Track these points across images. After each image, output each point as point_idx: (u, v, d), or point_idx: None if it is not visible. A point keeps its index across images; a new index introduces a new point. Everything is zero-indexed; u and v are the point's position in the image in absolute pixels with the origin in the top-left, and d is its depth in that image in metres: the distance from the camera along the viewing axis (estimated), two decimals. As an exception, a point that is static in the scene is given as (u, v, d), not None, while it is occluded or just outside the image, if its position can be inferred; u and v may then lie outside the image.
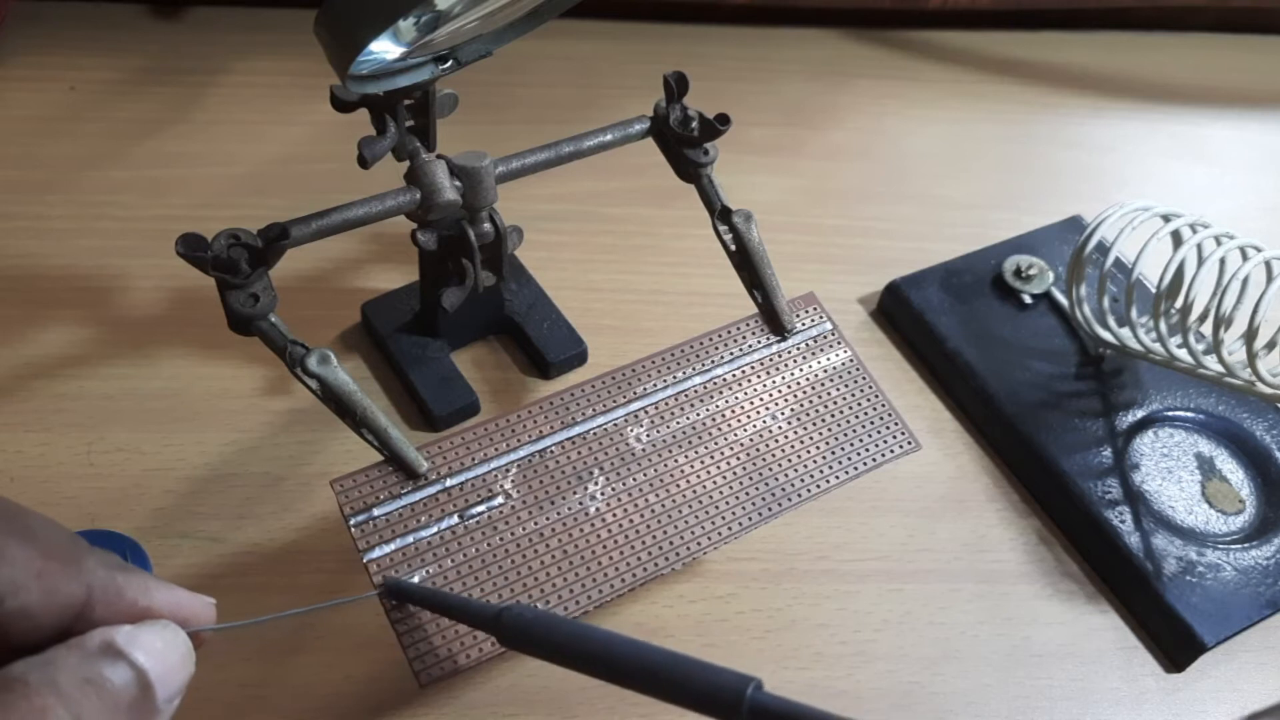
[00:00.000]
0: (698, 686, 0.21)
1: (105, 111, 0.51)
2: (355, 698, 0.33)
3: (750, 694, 0.20)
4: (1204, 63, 0.63)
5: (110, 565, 0.21)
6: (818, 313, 0.35)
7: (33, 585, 0.19)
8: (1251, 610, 0.37)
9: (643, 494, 0.30)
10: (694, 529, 0.30)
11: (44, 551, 0.19)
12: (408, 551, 0.28)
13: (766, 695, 0.21)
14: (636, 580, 0.29)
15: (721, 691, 0.21)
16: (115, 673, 0.20)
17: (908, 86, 0.59)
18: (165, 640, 0.21)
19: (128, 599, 0.21)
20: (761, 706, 0.20)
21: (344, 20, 0.26)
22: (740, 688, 0.21)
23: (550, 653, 0.24)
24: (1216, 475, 0.41)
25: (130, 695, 0.20)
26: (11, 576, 0.19)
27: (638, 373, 0.32)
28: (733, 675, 0.21)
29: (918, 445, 0.33)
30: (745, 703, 0.20)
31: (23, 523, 0.19)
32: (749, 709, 0.20)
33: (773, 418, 0.33)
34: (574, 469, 0.30)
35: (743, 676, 0.21)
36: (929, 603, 0.38)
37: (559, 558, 0.29)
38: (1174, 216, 0.39)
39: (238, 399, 0.40)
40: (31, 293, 0.43)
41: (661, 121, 0.35)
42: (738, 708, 0.21)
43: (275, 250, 0.29)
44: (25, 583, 0.19)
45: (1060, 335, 0.44)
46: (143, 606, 0.21)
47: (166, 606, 0.21)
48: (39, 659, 0.19)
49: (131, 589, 0.21)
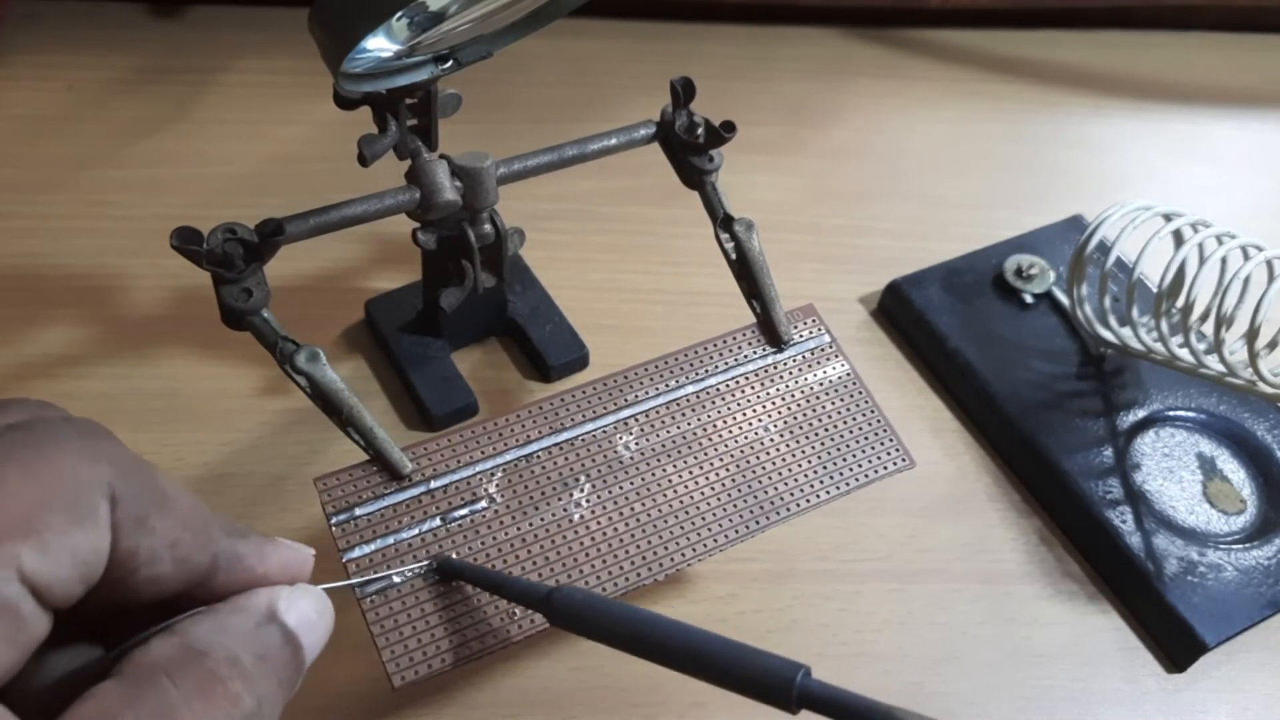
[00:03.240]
0: (748, 672, 0.22)
1: (104, 111, 0.51)
2: (355, 698, 0.33)
3: (800, 680, 0.21)
4: (1206, 62, 0.63)
5: (231, 532, 0.21)
6: (816, 324, 0.35)
7: (166, 555, 0.19)
8: (1253, 610, 0.36)
9: (629, 502, 0.30)
10: (679, 540, 0.30)
11: (181, 522, 0.20)
12: (388, 553, 0.28)
13: (815, 682, 0.21)
14: (618, 589, 0.29)
15: (772, 677, 0.21)
16: (278, 640, 0.21)
17: (908, 85, 0.59)
18: (318, 609, 0.22)
19: (245, 566, 0.21)
20: (811, 693, 0.21)
21: (337, 17, 0.26)
22: (790, 674, 0.21)
23: (599, 633, 0.24)
24: (1218, 475, 0.41)
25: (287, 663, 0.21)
26: (150, 546, 0.19)
27: (630, 380, 0.32)
28: (783, 661, 0.21)
29: (912, 462, 0.33)
30: (795, 689, 0.21)
31: (162, 492, 0.20)
32: (798, 695, 0.21)
33: (765, 430, 0.32)
34: (560, 475, 0.30)
35: (792, 663, 0.21)
36: (930, 603, 0.38)
37: (540, 564, 0.29)
38: (1175, 216, 0.39)
39: (237, 398, 0.40)
40: (30, 292, 0.43)
41: (667, 127, 0.35)
42: (788, 693, 0.21)
43: (270, 246, 0.29)
44: (161, 553, 0.19)
45: (1061, 335, 0.44)
46: (259, 574, 0.22)
47: (277, 570, 0.22)
48: (212, 623, 0.20)
49: (250, 557, 0.21)
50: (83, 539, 0.18)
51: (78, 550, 0.18)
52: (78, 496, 0.18)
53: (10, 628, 0.17)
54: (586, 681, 0.35)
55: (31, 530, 0.17)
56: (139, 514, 0.19)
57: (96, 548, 0.18)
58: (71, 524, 0.18)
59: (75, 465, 0.18)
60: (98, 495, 0.18)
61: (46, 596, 0.17)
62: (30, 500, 0.17)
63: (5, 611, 0.17)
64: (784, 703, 0.21)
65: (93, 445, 0.19)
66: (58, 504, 0.18)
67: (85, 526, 0.18)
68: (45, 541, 0.17)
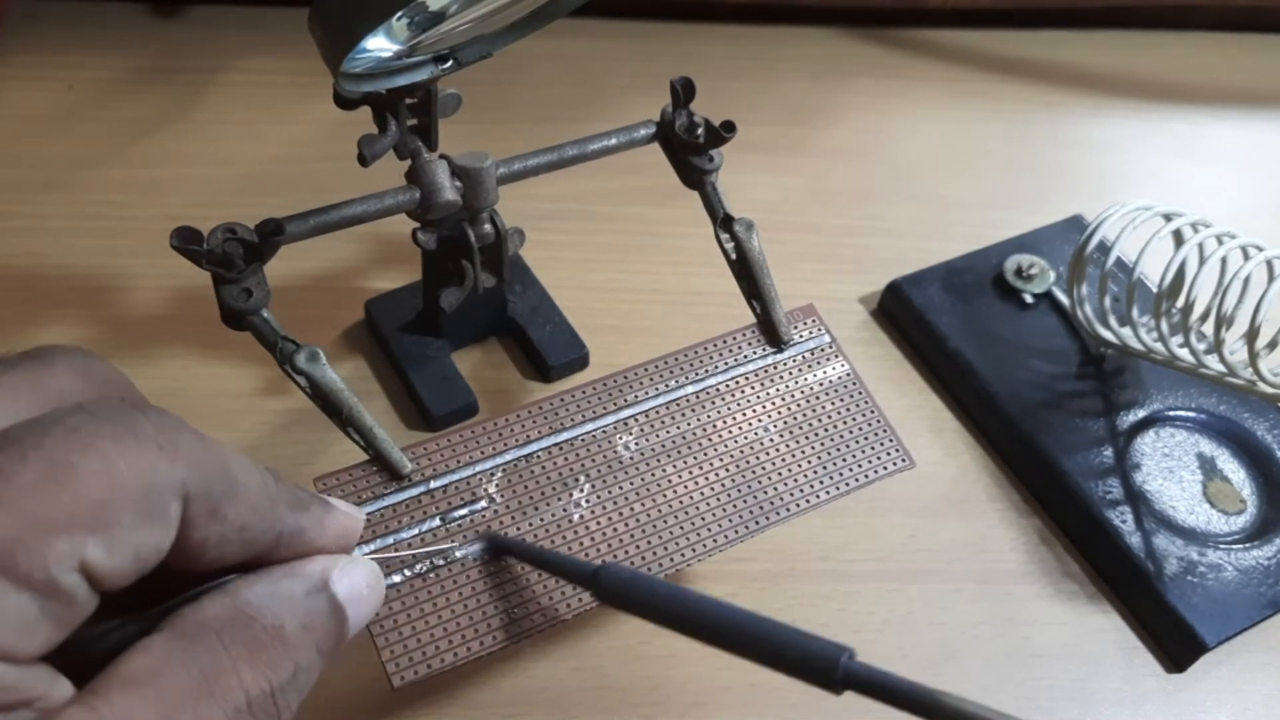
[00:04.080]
0: (794, 652, 0.22)
1: (104, 111, 0.51)
2: (356, 697, 0.33)
3: (844, 661, 0.21)
4: (1206, 61, 0.63)
5: (295, 505, 0.22)
6: (816, 324, 0.35)
7: (235, 539, 0.20)
8: (1253, 610, 0.36)
9: (628, 502, 0.30)
10: (679, 540, 0.30)
11: (250, 507, 0.20)
12: (388, 552, 0.28)
13: (859, 664, 0.21)
14: None
15: (817, 658, 0.22)
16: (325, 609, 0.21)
17: (908, 85, 0.59)
18: (369, 582, 0.23)
19: (305, 540, 0.22)
20: (855, 674, 0.21)
21: (337, 17, 0.26)
22: (835, 655, 0.21)
23: (645, 610, 0.25)
24: (1218, 475, 0.41)
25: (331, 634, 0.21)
26: (221, 533, 0.20)
27: (630, 380, 0.32)
28: (827, 643, 0.22)
29: (912, 463, 0.33)
30: (840, 670, 0.21)
31: (233, 479, 0.20)
32: (843, 676, 0.21)
33: (765, 430, 0.32)
34: (560, 475, 0.30)
35: (837, 645, 0.22)
36: (930, 603, 0.38)
37: None
38: (1175, 216, 0.39)
39: (237, 398, 0.40)
40: (30, 293, 0.43)
41: (667, 127, 0.35)
42: (833, 674, 0.21)
43: (270, 245, 0.29)
44: (230, 537, 0.20)
45: (1061, 335, 0.44)
46: (317, 547, 0.22)
47: (332, 540, 0.22)
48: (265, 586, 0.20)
49: (311, 530, 0.22)
50: (149, 537, 0.18)
51: (141, 547, 0.18)
52: (152, 496, 0.18)
53: (63, 610, 0.17)
54: (586, 681, 0.35)
55: (101, 525, 0.17)
56: (211, 507, 0.19)
57: (160, 546, 0.19)
58: (141, 523, 0.18)
59: (154, 464, 0.18)
60: (170, 495, 0.18)
61: (101, 583, 0.18)
62: (105, 494, 0.17)
63: (60, 596, 0.17)
64: (829, 683, 0.21)
65: (174, 442, 0.19)
66: (131, 502, 0.18)
67: (154, 526, 0.18)
68: (113, 537, 0.17)
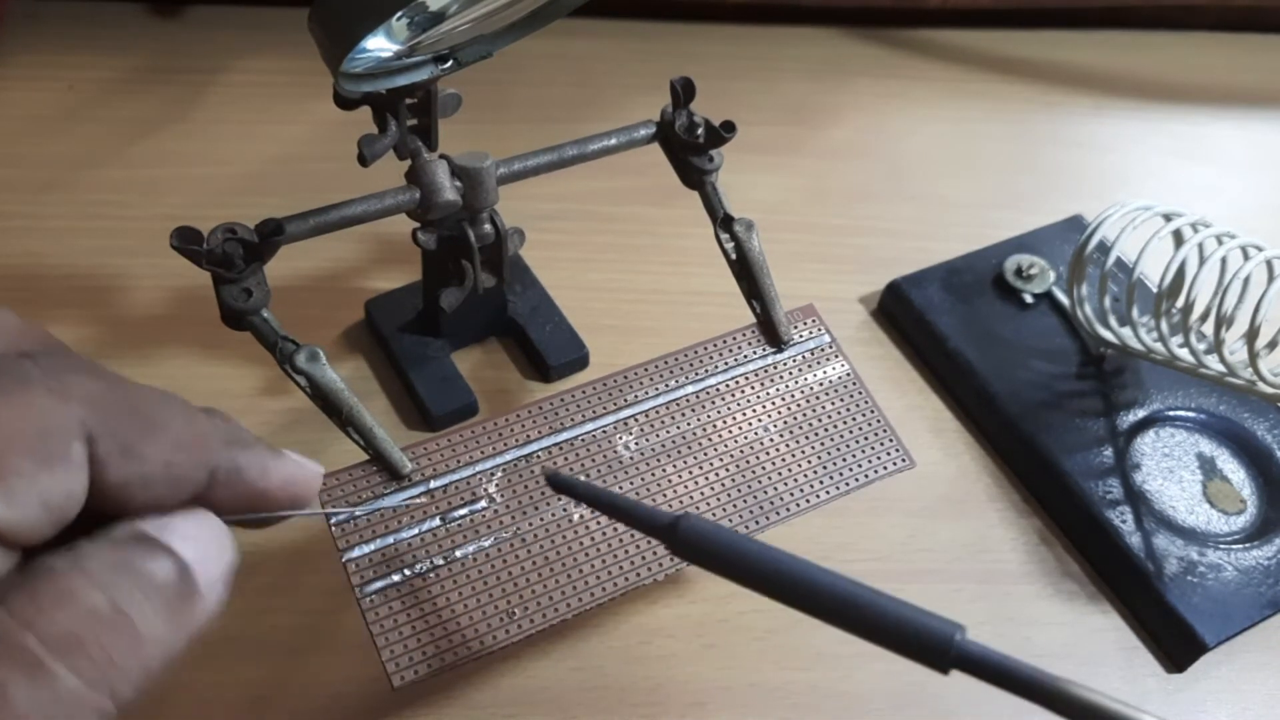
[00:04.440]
0: (901, 625, 0.20)
1: (104, 110, 0.51)
2: (356, 698, 0.33)
3: (958, 639, 0.20)
4: (1206, 62, 0.63)
5: (234, 443, 0.21)
6: (816, 324, 0.35)
7: (161, 476, 0.20)
8: (1253, 610, 0.36)
9: None
10: None
11: (174, 444, 0.20)
12: (387, 552, 0.28)
13: (973, 643, 0.20)
14: (617, 589, 0.29)
15: (928, 634, 0.20)
16: (148, 557, 0.20)
17: (908, 85, 0.59)
18: (200, 527, 0.21)
19: (246, 481, 0.21)
20: (968, 654, 0.20)
21: (337, 17, 0.26)
22: (949, 632, 0.20)
23: (729, 568, 0.23)
24: (1218, 475, 0.41)
25: (168, 577, 0.20)
26: (142, 472, 0.19)
27: (630, 380, 0.32)
28: (938, 619, 0.20)
29: (912, 463, 0.33)
30: (953, 648, 0.20)
31: (147, 417, 0.19)
32: (956, 655, 0.20)
33: (765, 430, 0.32)
34: None
35: (950, 621, 0.20)
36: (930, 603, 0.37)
37: (540, 564, 0.29)
38: (1175, 216, 0.39)
39: (237, 398, 0.40)
40: (30, 293, 0.43)
41: (667, 127, 0.35)
42: (945, 653, 0.20)
43: (270, 246, 0.29)
44: (155, 475, 0.19)
45: (1061, 335, 0.44)
46: (259, 489, 0.22)
47: (279, 486, 0.22)
48: (65, 550, 0.19)
49: (251, 470, 0.21)
50: (52, 483, 0.18)
51: (47, 494, 0.18)
52: (48, 440, 0.18)
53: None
54: (586, 681, 0.34)
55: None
56: (124, 444, 0.19)
57: (69, 490, 0.18)
58: (40, 468, 0.17)
59: (44, 406, 0.18)
60: (69, 436, 0.18)
61: (12, 538, 0.17)
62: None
63: None
64: (937, 662, 0.20)
65: (64, 383, 0.18)
66: (25, 448, 0.17)
67: (55, 470, 0.18)
68: (10, 487, 0.17)
